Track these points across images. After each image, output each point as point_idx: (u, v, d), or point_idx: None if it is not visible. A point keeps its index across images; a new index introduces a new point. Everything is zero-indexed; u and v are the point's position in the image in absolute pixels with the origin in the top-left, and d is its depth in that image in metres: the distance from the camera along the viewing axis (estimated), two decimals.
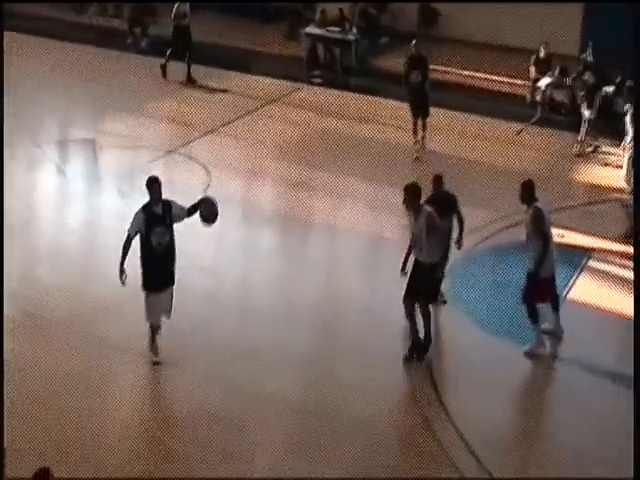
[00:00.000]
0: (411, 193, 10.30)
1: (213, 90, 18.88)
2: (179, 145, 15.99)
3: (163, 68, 19.24)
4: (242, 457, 8.98)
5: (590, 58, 17.84)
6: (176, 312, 11.11)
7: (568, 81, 19.12)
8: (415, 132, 15.86)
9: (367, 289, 12.37)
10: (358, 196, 14.53)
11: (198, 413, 9.50)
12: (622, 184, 14.06)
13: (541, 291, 10.58)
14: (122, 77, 19.27)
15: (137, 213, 9.81)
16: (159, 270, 9.93)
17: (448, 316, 11.35)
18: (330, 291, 12.09)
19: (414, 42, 15.76)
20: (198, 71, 19.65)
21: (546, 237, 10.40)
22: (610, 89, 18.44)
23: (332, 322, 11.42)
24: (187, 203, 13.85)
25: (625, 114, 14.63)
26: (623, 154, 14.44)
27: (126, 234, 9.80)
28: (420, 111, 15.73)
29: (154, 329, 10.08)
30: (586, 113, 16.63)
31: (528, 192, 10.51)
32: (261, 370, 10.16)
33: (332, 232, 13.79)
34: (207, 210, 10.03)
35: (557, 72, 18.85)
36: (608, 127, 15.52)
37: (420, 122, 15.79)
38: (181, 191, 14.62)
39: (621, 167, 14.48)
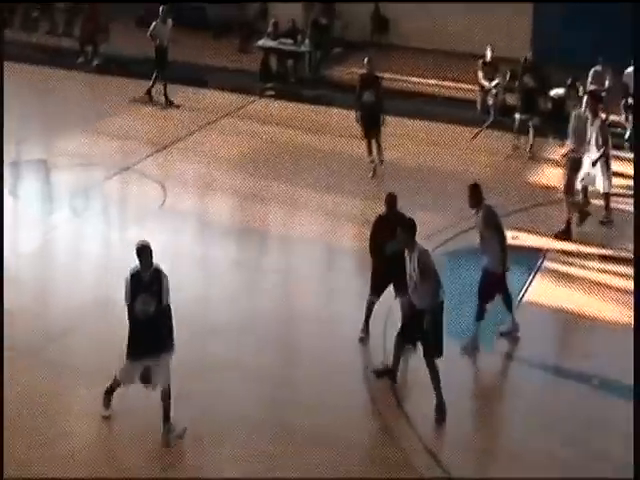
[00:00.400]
0: (408, 230, 9.65)
1: (166, 106, 18.80)
2: (133, 162, 15.90)
3: (149, 91, 18.94)
4: (203, 473, 8.91)
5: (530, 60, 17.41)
6: None
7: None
8: (370, 151, 15.54)
9: (324, 299, 12.37)
10: (313, 206, 14.54)
11: (157, 431, 9.39)
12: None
13: (493, 287, 10.71)
14: (74, 96, 19.16)
15: (125, 279, 9.08)
16: (139, 338, 9.05)
17: None
18: (287, 302, 12.07)
19: (367, 60, 15.43)
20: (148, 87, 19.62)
21: (500, 232, 10.54)
22: (561, 91, 18.66)
23: (290, 333, 11.37)
24: (141, 219, 14.02)
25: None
26: (562, 155, 14.42)
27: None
28: (373, 132, 15.36)
29: (114, 384, 9.46)
30: (517, 116, 16.63)
31: (475, 195, 10.59)
32: (219, 384, 10.07)
33: (288, 243, 13.78)
34: None
35: (508, 76, 19.05)
36: (559, 129, 15.57)
37: (374, 142, 15.46)
38: (137, 208, 14.70)
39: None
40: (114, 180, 15.35)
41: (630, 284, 12.33)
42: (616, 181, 15.65)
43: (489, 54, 18.53)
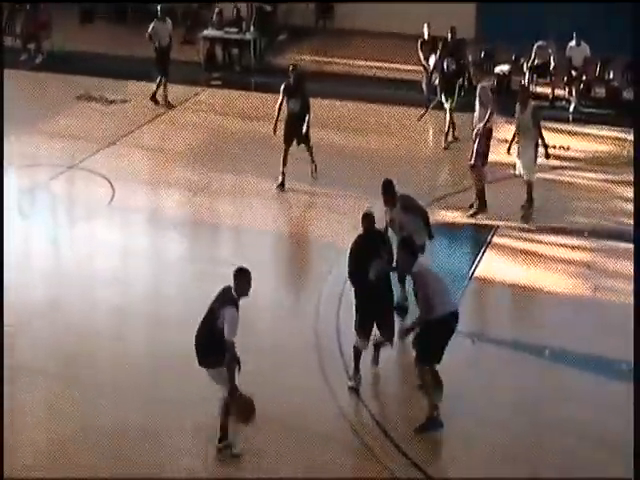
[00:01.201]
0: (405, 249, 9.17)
1: (112, 101, 18.64)
2: (79, 160, 15.73)
3: (154, 95, 18.24)
4: (163, 467, 8.88)
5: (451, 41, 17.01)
6: (84, 326, 11.05)
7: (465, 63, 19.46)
8: (285, 162, 14.39)
9: (279, 287, 12.39)
10: (264, 195, 14.49)
11: (113, 427, 9.35)
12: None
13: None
14: (17, 95, 18.87)
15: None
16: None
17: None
18: None
19: (291, 68, 14.59)
20: (93, 83, 19.46)
21: (422, 211, 10.84)
22: (505, 67, 18.79)
23: (245, 323, 11.31)
24: (91, 217, 13.92)
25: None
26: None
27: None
28: (297, 141, 14.41)
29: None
30: (445, 104, 16.27)
31: (389, 192, 10.56)
32: (175, 378, 10.04)
33: (240, 233, 13.73)
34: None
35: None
36: (507, 105, 15.64)
37: (306, 149, 14.58)
38: (85, 206, 14.57)
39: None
40: (61, 179, 15.18)
41: (576, 255, 12.53)
42: (561, 153, 15.88)
43: (426, 32, 18.51)
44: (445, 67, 16.36)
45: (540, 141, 13.12)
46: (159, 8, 18.39)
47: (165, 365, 10.28)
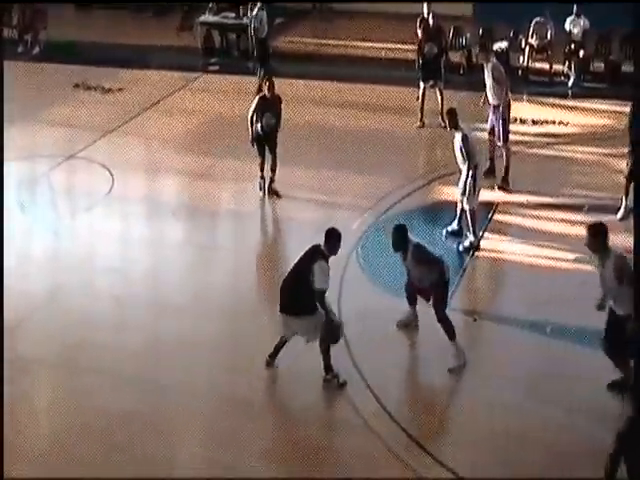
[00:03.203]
0: (594, 232, 8.85)
1: (109, 90, 18.59)
2: (78, 150, 15.71)
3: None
4: (162, 457, 8.89)
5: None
6: (87, 315, 11.06)
7: (463, 41, 19.37)
8: (262, 167, 13.93)
9: (278, 272, 12.36)
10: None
11: (115, 416, 9.37)
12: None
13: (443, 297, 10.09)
14: (15, 86, 18.81)
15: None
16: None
17: (357, 283, 11.37)
18: (239, 279, 12.03)
19: (264, 77, 14.46)
20: (90, 72, 19.41)
21: (438, 261, 9.99)
22: (504, 44, 18.67)
23: (244, 308, 11.34)
24: (90, 206, 13.91)
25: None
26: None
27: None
28: (268, 151, 13.90)
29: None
30: (420, 84, 16.14)
31: (403, 238, 9.84)
32: (177, 366, 10.05)
33: (240, 219, 13.72)
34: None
35: (451, 34, 19.04)
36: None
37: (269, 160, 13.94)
38: (85, 195, 14.56)
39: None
40: (60, 169, 15.17)
41: (577, 230, 12.44)
42: (560, 130, 15.83)
43: (426, 11, 18.33)
44: (426, 51, 16.20)
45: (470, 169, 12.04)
46: None
47: (167, 353, 10.29)
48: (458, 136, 12.08)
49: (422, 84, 16.26)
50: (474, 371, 9.91)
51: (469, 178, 12.01)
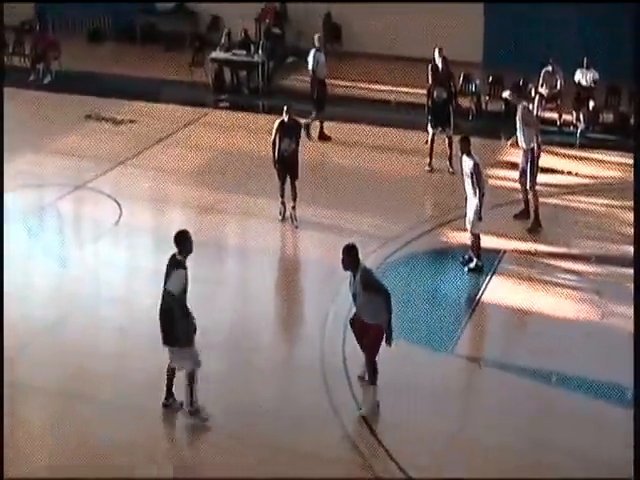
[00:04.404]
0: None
1: (120, 121, 18.69)
2: (87, 180, 15.75)
3: (307, 128, 17.07)
4: None
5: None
6: (90, 345, 11.01)
7: (472, 87, 19.48)
8: (282, 193, 14.26)
9: (284, 309, 12.37)
10: (270, 216, 14.45)
11: (115, 445, 9.29)
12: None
13: (380, 343, 9.75)
14: (26, 115, 18.97)
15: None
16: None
17: None
18: (245, 313, 12.01)
19: (286, 108, 14.21)
20: (102, 103, 19.51)
21: (382, 290, 9.54)
22: (507, 94, 18.73)
23: (249, 344, 11.30)
24: (97, 236, 13.91)
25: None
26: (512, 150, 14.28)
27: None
28: (289, 178, 14.22)
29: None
30: (429, 130, 16.17)
31: (352, 257, 9.51)
32: (178, 397, 9.98)
33: (246, 254, 13.72)
34: None
35: (461, 79, 19.18)
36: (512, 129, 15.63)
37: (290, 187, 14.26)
38: (92, 225, 14.58)
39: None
40: (68, 199, 15.20)
41: (584, 281, 12.49)
42: (569, 180, 15.90)
43: (437, 57, 18.49)
44: (435, 96, 16.24)
45: (478, 192, 12.39)
46: (316, 38, 17.94)
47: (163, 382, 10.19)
48: (470, 162, 12.29)
49: (431, 130, 16.32)
50: (477, 418, 9.86)
51: (477, 205, 12.21)
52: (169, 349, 9.61)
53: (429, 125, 16.35)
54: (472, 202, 12.44)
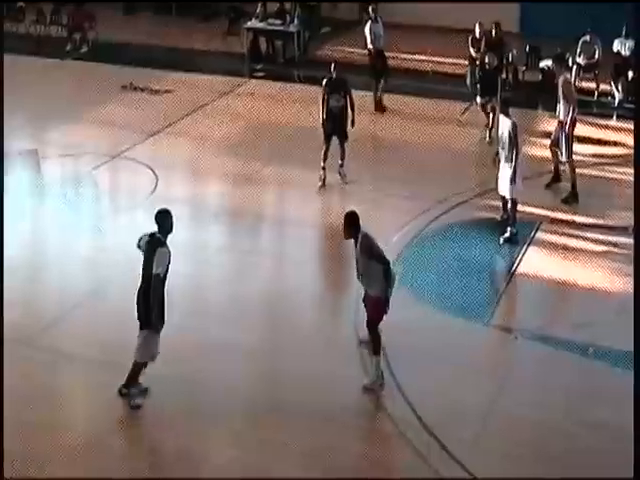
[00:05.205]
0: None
1: (156, 91, 18.77)
2: (124, 149, 15.85)
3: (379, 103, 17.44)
4: (196, 456, 8.93)
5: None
6: (126, 315, 11.09)
7: (509, 58, 19.29)
8: (325, 158, 14.33)
9: (318, 280, 12.40)
10: (307, 186, 14.47)
11: (150, 414, 9.42)
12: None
13: (383, 312, 9.72)
14: (63, 85, 19.10)
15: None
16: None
17: (401, 299, 11.34)
18: (282, 284, 12.04)
19: (333, 65, 14.36)
20: (138, 73, 19.59)
21: (382, 260, 9.47)
22: (550, 62, 18.56)
23: (284, 315, 11.37)
24: (133, 206, 14.02)
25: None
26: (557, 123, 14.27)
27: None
28: (336, 138, 14.30)
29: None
30: (481, 99, 16.19)
31: (353, 225, 9.51)
32: (212, 366, 10.08)
33: (282, 225, 13.76)
34: None
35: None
36: (549, 100, 15.48)
37: (339, 148, 14.35)
38: (129, 195, 14.69)
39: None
40: (105, 168, 15.31)
41: (620, 252, 12.40)
42: (605, 150, 15.73)
43: (477, 30, 18.42)
44: (487, 63, 16.21)
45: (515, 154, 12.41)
46: (370, 9, 17.90)
47: (205, 356, 10.31)
48: (508, 122, 12.41)
49: (480, 99, 16.22)
50: (512, 390, 9.85)
51: (515, 167, 12.31)
52: (140, 332, 9.36)
53: (477, 95, 16.25)
54: (506, 169, 12.46)
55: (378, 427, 9.38)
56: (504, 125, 12.56)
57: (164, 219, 9.34)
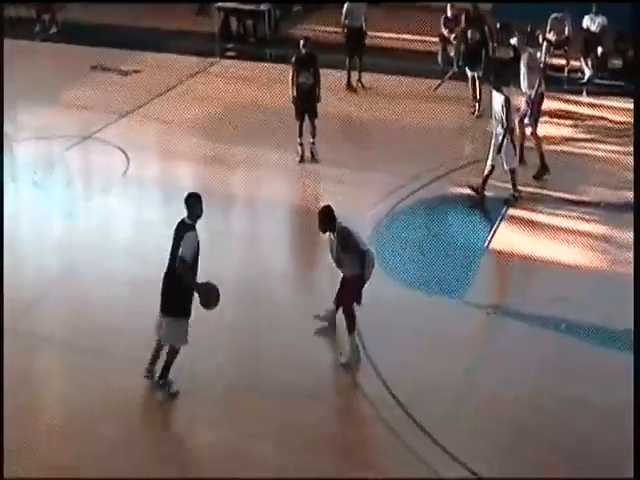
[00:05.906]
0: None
1: (126, 72, 18.62)
2: (94, 131, 15.74)
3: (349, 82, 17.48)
4: (179, 437, 8.94)
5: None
6: (101, 297, 11.07)
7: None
8: (300, 133, 14.39)
9: (291, 260, 12.40)
10: (277, 167, 14.47)
11: (129, 398, 9.41)
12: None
13: (356, 293, 9.87)
14: (31, 67, 18.89)
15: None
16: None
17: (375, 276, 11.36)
18: (256, 264, 12.04)
19: (303, 40, 14.41)
20: (108, 54, 19.42)
21: (360, 252, 9.59)
22: (514, 41, 18.55)
23: (258, 294, 11.36)
24: (106, 187, 13.95)
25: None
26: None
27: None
28: (307, 114, 14.33)
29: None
30: (469, 73, 16.47)
31: (328, 219, 9.67)
32: (191, 351, 10.04)
33: (256, 204, 13.72)
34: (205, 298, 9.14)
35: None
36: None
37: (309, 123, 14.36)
38: (101, 176, 14.59)
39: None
40: (76, 150, 15.20)
41: (593, 227, 12.49)
42: (576, 126, 15.79)
43: (449, 11, 18.49)
44: (469, 37, 16.33)
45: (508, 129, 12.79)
46: None
47: None
48: (500, 97, 12.73)
49: (469, 72, 16.40)
50: (486, 366, 9.91)
51: (506, 139, 12.68)
52: (162, 319, 9.24)
53: (466, 68, 16.48)
54: (500, 137, 12.80)
55: (354, 404, 9.42)
56: (497, 100, 12.81)
57: (194, 203, 9.32)
